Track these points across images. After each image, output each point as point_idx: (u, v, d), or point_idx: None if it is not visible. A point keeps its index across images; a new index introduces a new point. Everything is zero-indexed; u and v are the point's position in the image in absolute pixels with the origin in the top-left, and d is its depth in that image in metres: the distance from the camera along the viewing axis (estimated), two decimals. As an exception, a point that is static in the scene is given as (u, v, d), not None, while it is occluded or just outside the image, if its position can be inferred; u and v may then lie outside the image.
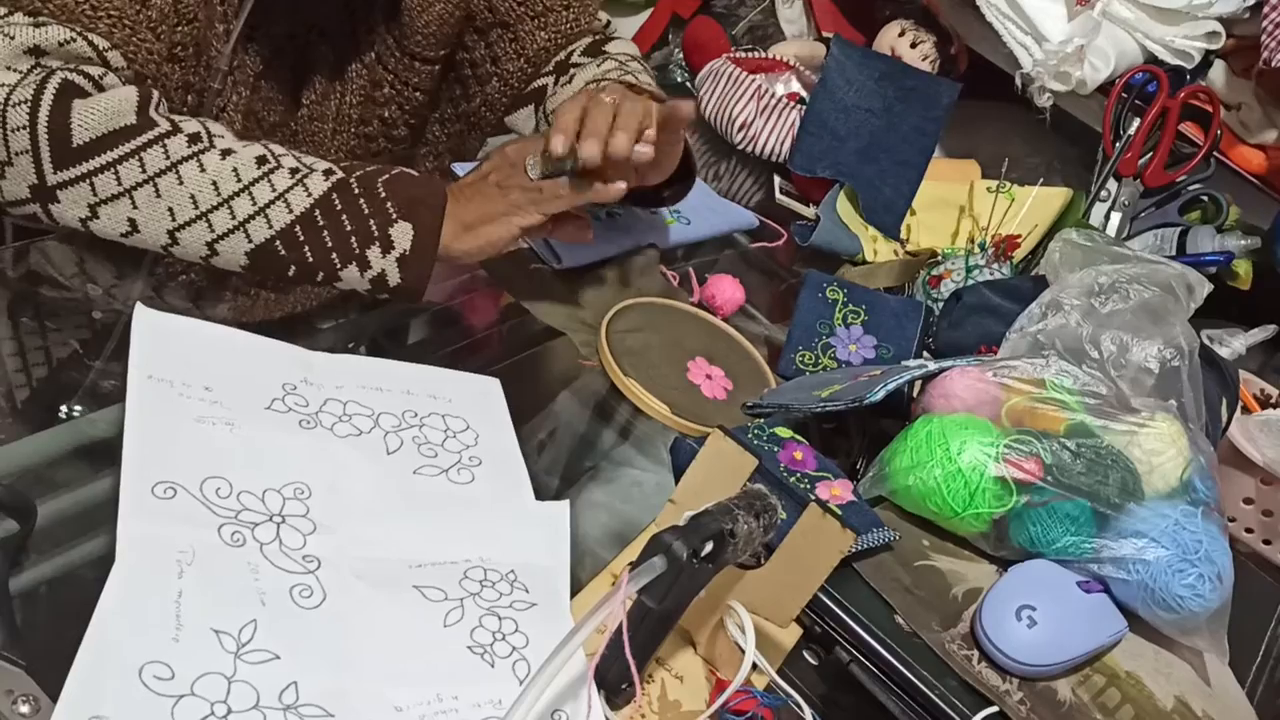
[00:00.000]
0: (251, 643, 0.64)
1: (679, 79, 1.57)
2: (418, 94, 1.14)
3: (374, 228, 0.86)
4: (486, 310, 1.05)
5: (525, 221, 0.91)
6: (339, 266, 0.86)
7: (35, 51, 0.82)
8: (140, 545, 0.65)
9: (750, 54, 1.48)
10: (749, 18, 1.65)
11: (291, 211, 0.84)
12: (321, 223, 0.85)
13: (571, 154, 0.89)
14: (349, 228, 0.86)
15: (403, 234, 0.86)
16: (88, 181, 0.81)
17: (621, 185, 0.90)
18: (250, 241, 0.84)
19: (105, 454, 0.72)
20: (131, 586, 0.63)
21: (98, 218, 0.82)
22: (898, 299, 1.14)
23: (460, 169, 1.11)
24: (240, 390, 0.79)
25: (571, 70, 1.16)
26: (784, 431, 0.84)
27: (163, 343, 0.80)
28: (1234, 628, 0.82)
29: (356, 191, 0.86)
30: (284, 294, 0.96)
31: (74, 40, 0.83)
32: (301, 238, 0.85)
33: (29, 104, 0.80)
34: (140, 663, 0.60)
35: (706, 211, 1.24)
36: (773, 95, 1.38)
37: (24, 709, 0.57)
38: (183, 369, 0.78)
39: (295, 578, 0.69)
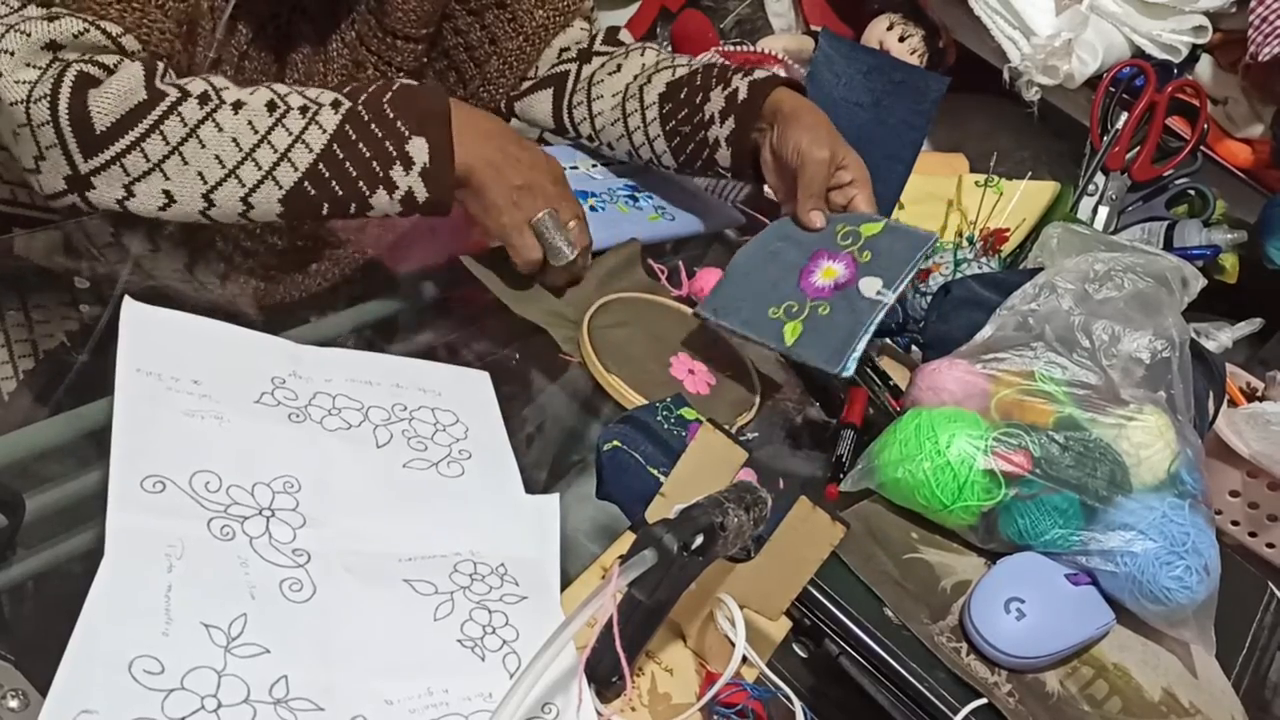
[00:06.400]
0: (241, 636, 0.64)
1: (667, 72, 1.56)
2: (401, 74, 1.14)
3: (391, 149, 0.90)
4: (476, 303, 1.05)
5: (501, 236, 0.98)
6: (368, 194, 0.90)
7: (52, 46, 0.84)
8: (129, 539, 0.65)
9: (738, 48, 1.48)
10: (737, 11, 1.64)
11: (311, 151, 0.88)
12: (341, 155, 0.89)
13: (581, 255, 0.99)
14: (368, 154, 0.89)
15: (419, 149, 0.90)
16: (118, 164, 0.84)
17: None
18: (280, 188, 0.87)
19: (94, 447, 0.72)
20: (120, 580, 0.63)
21: (134, 195, 0.85)
22: None
23: None
24: (229, 384, 0.79)
25: (599, 58, 1.18)
26: (689, 413, 0.84)
27: (151, 336, 0.79)
28: (1220, 619, 0.82)
29: (366, 118, 0.90)
30: (273, 284, 0.96)
31: (88, 30, 0.84)
32: (327, 174, 0.89)
33: (49, 99, 0.82)
34: (130, 657, 0.60)
35: (692, 208, 1.24)
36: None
37: (13, 704, 0.57)
38: (171, 362, 0.78)
39: (285, 571, 0.69)
